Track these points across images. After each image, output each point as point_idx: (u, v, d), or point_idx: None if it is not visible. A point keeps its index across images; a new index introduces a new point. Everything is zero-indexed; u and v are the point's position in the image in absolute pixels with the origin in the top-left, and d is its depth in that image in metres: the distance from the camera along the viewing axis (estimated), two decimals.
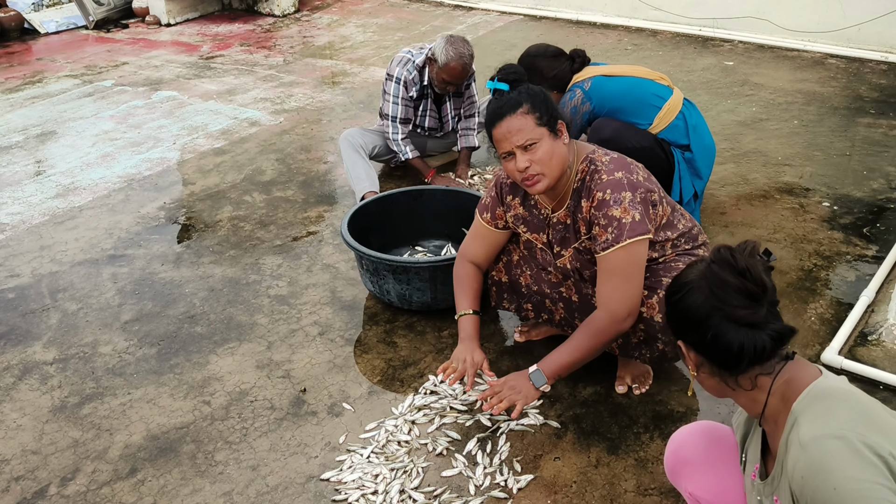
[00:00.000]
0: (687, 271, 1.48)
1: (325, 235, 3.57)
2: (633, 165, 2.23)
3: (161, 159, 4.48)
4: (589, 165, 2.22)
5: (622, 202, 2.13)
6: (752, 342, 1.37)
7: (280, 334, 2.89)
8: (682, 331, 1.47)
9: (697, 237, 2.38)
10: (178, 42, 6.96)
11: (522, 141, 2.14)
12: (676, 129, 3.26)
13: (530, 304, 2.62)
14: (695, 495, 1.70)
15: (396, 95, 3.81)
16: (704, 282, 1.41)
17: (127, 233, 3.69)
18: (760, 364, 1.40)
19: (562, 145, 2.19)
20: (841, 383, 1.38)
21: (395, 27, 7.02)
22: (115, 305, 3.13)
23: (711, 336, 1.39)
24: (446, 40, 3.67)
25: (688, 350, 1.47)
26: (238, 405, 2.56)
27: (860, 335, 2.70)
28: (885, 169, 3.88)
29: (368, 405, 2.52)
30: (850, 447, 1.22)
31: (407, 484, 2.20)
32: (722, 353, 1.39)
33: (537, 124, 2.14)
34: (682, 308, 1.44)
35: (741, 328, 1.37)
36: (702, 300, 1.40)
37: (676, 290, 1.46)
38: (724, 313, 1.38)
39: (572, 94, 3.26)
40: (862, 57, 5.47)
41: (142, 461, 2.35)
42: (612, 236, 2.13)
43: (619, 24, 6.59)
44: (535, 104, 2.16)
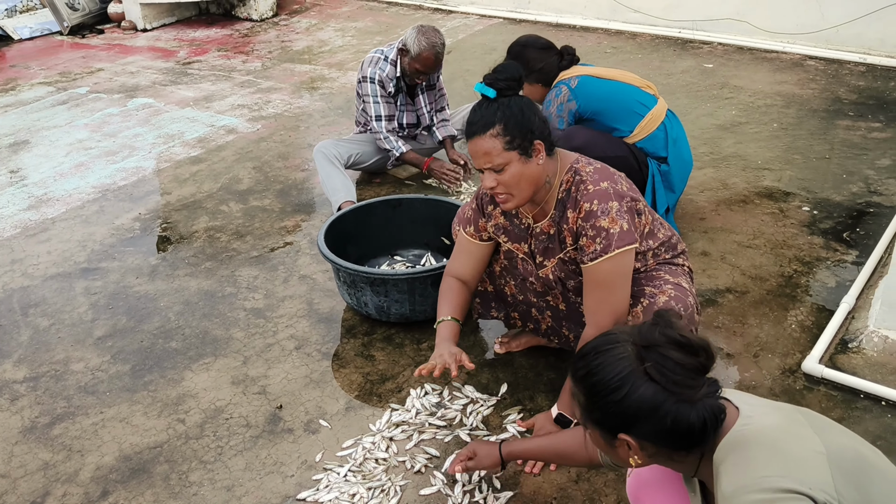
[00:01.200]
0: (611, 363, 1.37)
1: (303, 245, 3.52)
2: (616, 175, 2.21)
3: (136, 168, 4.42)
4: (574, 176, 2.19)
5: (610, 212, 2.10)
6: (711, 411, 1.33)
7: (256, 349, 2.85)
8: (627, 425, 1.37)
9: (676, 246, 2.36)
10: (155, 48, 6.88)
11: (488, 165, 2.11)
12: (656, 140, 3.24)
13: (517, 312, 2.61)
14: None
15: (375, 94, 3.78)
16: (650, 368, 1.33)
17: (101, 245, 3.63)
18: (714, 432, 1.36)
19: (534, 166, 2.14)
20: (756, 422, 1.34)
21: (374, 31, 6.97)
22: (88, 321, 3.07)
23: (671, 421, 1.32)
24: (417, 30, 3.68)
25: (635, 441, 1.38)
26: (213, 423, 2.51)
27: (841, 342, 2.69)
28: (864, 172, 3.88)
29: (346, 421, 2.48)
30: (768, 494, 1.22)
31: (384, 503, 2.16)
32: (682, 435, 1.33)
33: (506, 148, 2.09)
34: (629, 404, 1.34)
35: (696, 405, 1.32)
36: (653, 390, 1.33)
37: (613, 387, 1.35)
38: (680, 396, 1.32)
39: (559, 91, 3.23)
40: (840, 58, 5.48)
41: (114, 483, 2.30)
42: (600, 247, 2.10)
43: (599, 27, 6.58)
44: (507, 126, 2.09)
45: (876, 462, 1.34)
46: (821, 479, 1.23)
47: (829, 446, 1.30)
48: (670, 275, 2.26)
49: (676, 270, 2.29)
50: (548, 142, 2.17)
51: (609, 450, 1.47)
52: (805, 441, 1.30)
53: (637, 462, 1.43)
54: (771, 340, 2.73)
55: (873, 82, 5.08)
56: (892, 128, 4.36)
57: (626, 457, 1.44)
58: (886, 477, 1.32)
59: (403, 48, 3.73)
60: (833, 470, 1.25)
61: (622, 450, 1.43)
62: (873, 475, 1.30)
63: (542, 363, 2.68)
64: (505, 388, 2.58)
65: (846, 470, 1.27)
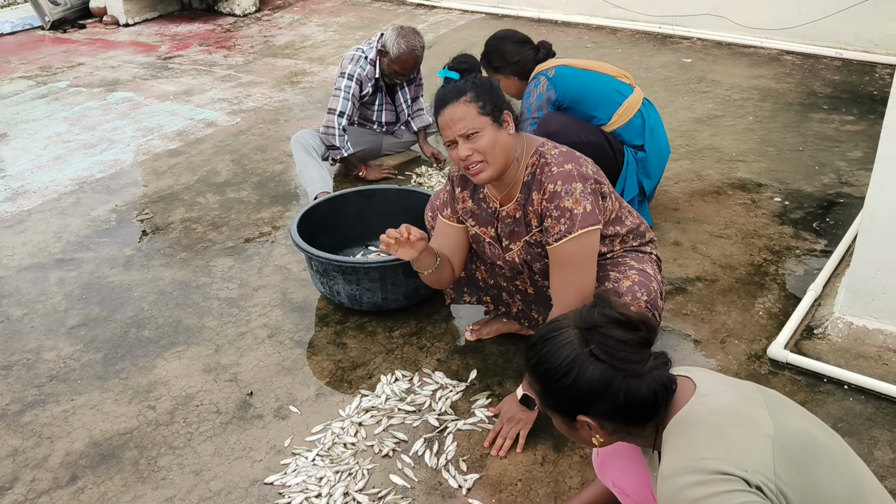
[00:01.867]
0: (557, 349, 1.40)
1: (278, 236, 3.54)
2: (581, 158, 2.23)
3: (114, 161, 4.41)
4: (539, 159, 2.21)
5: (573, 193, 2.12)
6: (661, 383, 1.37)
7: (229, 337, 2.86)
8: (583, 407, 1.41)
9: (645, 234, 2.38)
10: (136, 42, 6.87)
11: (464, 130, 2.13)
12: (633, 128, 3.27)
13: (489, 296, 2.64)
14: (622, 488, 1.70)
15: (347, 91, 3.78)
16: (595, 349, 1.37)
17: (76, 236, 3.63)
18: (666, 403, 1.40)
19: (506, 135, 2.17)
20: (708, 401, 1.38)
21: (357, 26, 6.98)
22: (62, 311, 3.07)
23: (624, 397, 1.36)
24: (397, 32, 3.67)
25: (594, 421, 1.41)
26: (183, 410, 2.52)
27: (806, 329, 2.73)
28: (836, 164, 3.93)
29: (316, 407, 2.50)
30: (701, 475, 1.25)
31: (351, 486, 2.18)
32: (636, 408, 1.37)
33: (480, 113, 2.13)
34: (580, 385, 1.38)
35: (645, 378, 1.36)
36: (600, 369, 1.36)
37: (562, 371, 1.39)
38: (628, 371, 1.36)
39: (537, 82, 3.27)
40: (817, 53, 5.54)
41: (83, 468, 2.31)
42: (564, 227, 2.13)
43: (580, 23, 6.62)
44: (479, 93, 2.15)
45: (827, 445, 1.36)
46: (760, 462, 1.26)
47: (779, 428, 1.32)
48: (635, 261, 2.29)
49: (642, 257, 2.32)
50: (515, 117, 2.21)
51: (572, 433, 1.50)
52: (754, 423, 1.32)
53: (599, 441, 1.47)
54: (738, 327, 2.77)
55: (848, 77, 5.13)
56: (865, 121, 4.41)
57: (589, 437, 1.47)
58: (835, 459, 1.34)
59: (382, 49, 3.73)
60: (776, 453, 1.28)
61: (584, 431, 1.45)
62: (821, 458, 1.32)
63: (512, 350, 2.71)
64: (474, 375, 2.60)
65: (792, 453, 1.29)
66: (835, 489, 1.29)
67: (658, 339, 2.69)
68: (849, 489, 1.30)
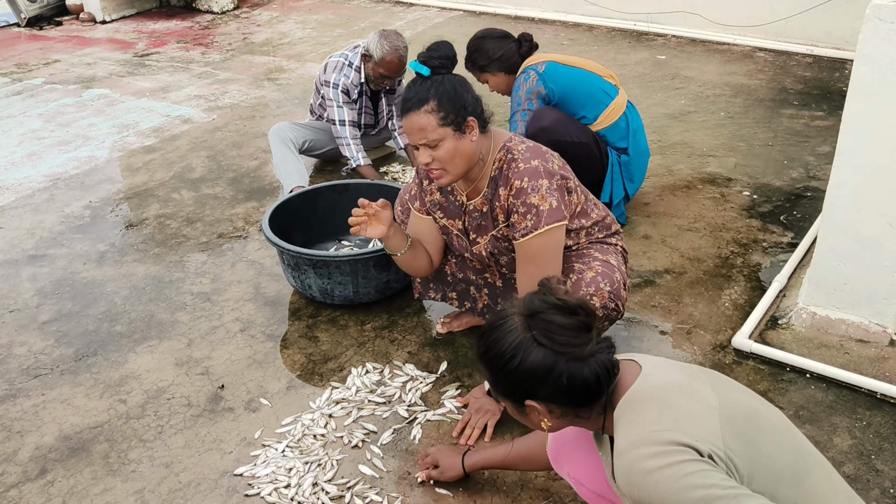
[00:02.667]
0: (503, 336, 1.44)
1: (252, 232, 3.55)
2: (548, 154, 2.26)
3: (89, 158, 4.40)
4: (506, 154, 2.24)
5: (539, 189, 2.16)
6: (603, 366, 1.40)
7: (201, 331, 2.87)
8: (529, 391, 1.44)
9: (611, 226, 2.42)
10: (114, 39, 6.84)
11: (424, 140, 2.15)
12: (618, 130, 3.29)
13: (455, 292, 2.65)
14: (577, 478, 1.73)
15: (338, 100, 3.78)
16: (537, 335, 1.40)
17: (49, 232, 3.62)
18: (609, 385, 1.43)
19: (468, 143, 2.18)
20: (654, 379, 1.42)
21: (335, 23, 6.99)
22: (34, 306, 3.07)
23: (567, 380, 1.39)
24: (380, 35, 3.68)
25: (541, 405, 1.44)
26: (154, 403, 2.53)
27: (771, 319, 2.78)
28: (805, 158, 3.99)
29: (286, 400, 2.52)
30: (657, 447, 1.28)
31: (320, 476, 2.20)
32: (580, 391, 1.40)
33: (440, 124, 2.13)
34: (524, 370, 1.41)
35: (587, 361, 1.39)
36: (543, 353, 1.39)
37: (508, 357, 1.42)
38: (570, 355, 1.39)
39: (527, 76, 3.27)
40: (788, 50, 5.61)
41: (52, 462, 2.31)
42: (530, 223, 2.16)
43: (557, 20, 6.65)
44: (441, 102, 2.14)
45: (768, 416, 1.41)
46: (709, 431, 1.30)
47: (722, 401, 1.36)
48: (600, 252, 2.32)
49: (607, 249, 2.35)
50: (481, 119, 2.22)
51: (523, 418, 1.53)
52: (699, 396, 1.37)
53: (548, 425, 1.49)
54: (704, 318, 2.81)
55: (819, 73, 5.20)
56: (835, 116, 4.47)
57: (538, 421, 1.50)
58: (777, 429, 1.39)
59: (366, 54, 3.73)
60: (723, 423, 1.32)
61: (533, 415, 1.49)
62: (764, 427, 1.37)
63: None
64: (445, 367, 2.63)
65: (737, 423, 1.34)
66: (778, 457, 1.33)
67: (625, 329, 2.74)
68: (791, 457, 1.35)
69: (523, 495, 2.13)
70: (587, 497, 1.74)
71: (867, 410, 2.36)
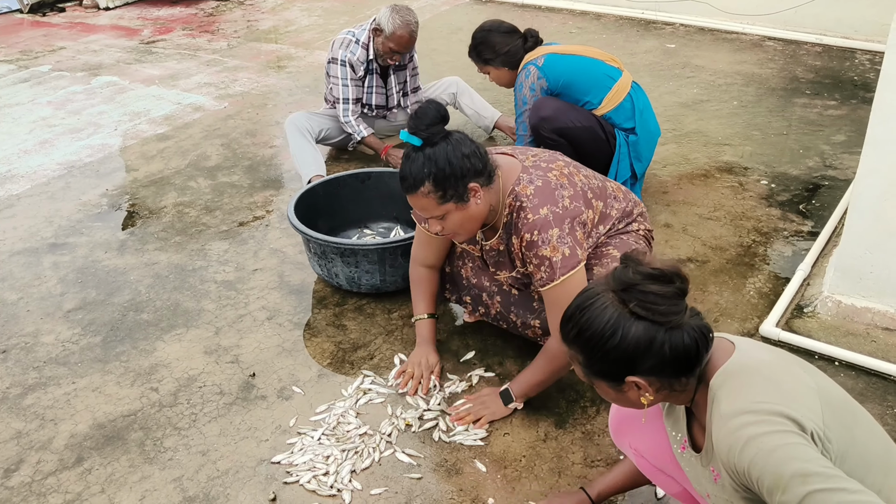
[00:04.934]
0: (598, 314, 1.40)
1: (272, 220, 3.55)
2: (556, 192, 2.17)
3: (102, 145, 4.38)
4: (514, 201, 2.19)
5: (550, 241, 2.12)
6: (700, 332, 1.39)
7: (228, 320, 2.87)
8: (631, 367, 1.40)
9: (632, 212, 2.41)
10: (118, 26, 6.79)
11: (429, 216, 2.16)
12: (623, 111, 3.32)
13: (469, 296, 2.62)
14: (638, 450, 1.73)
15: (344, 77, 3.79)
16: (635, 307, 1.37)
17: (68, 220, 3.61)
18: (707, 351, 1.42)
19: (474, 207, 2.14)
20: (751, 355, 1.42)
21: (341, 11, 6.96)
22: (58, 294, 3.06)
23: (669, 349, 1.37)
24: (391, 9, 3.70)
25: (643, 380, 1.41)
26: (186, 391, 2.53)
27: (796, 308, 2.80)
28: (820, 147, 4.01)
29: (318, 388, 2.53)
30: (761, 416, 1.28)
31: (358, 464, 2.21)
32: (683, 359, 1.38)
33: (440, 203, 2.10)
34: (626, 345, 1.38)
35: (685, 328, 1.37)
36: (643, 326, 1.37)
37: (608, 335, 1.39)
38: (670, 324, 1.37)
39: (527, 73, 3.31)
40: (798, 39, 5.62)
41: (88, 450, 2.32)
42: (545, 275, 2.15)
43: (564, 8, 6.64)
44: (437, 181, 2.07)
45: (859, 405, 1.43)
46: (811, 409, 1.30)
47: (819, 384, 1.38)
48: (617, 248, 2.32)
49: (626, 239, 2.35)
50: (484, 176, 2.14)
51: (619, 397, 1.49)
52: (798, 376, 1.37)
53: (649, 399, 1.45)
54: (730, 306, 2.83)
55: (829, 62, 5.21)
56: (847, 105, 4.49)
57: (637, 398, 1.46)
58: (868, 417, 1.42)
59: (377, 28, 3.73)
60: (823, 404, 1.33)
61: (632, 392, 1.45)
62: (858, 415, 1.39)
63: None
64: (472, 354, 2.64)
65: (833, 406, 1.35)
66: (871, 445, 1.34)
67: None
68: (882, 447, 1.36)
69: (561, 482, 2.14)
70: (647, 470, 1.75)
71: None
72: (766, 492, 1.26)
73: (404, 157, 2.14)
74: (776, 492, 1.24)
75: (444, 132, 2.11)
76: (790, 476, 1.22)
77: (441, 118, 2.09)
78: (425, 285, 2.57)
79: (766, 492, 1.26)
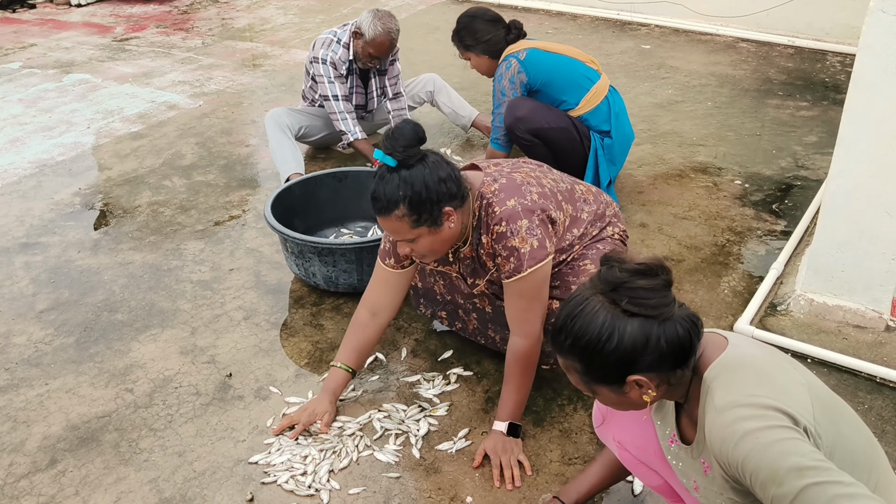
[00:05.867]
0: (591, 320, 1.39)
1: (248, 219, 3.52)
2: (523, 186, 2.16)
3: (74, 144, 4.33)
4: (482, 200, 2.17)
5: (519, 231, 2.11)
6: (692, 322, 1.39)
7: (204, 320, 2.85)
8: (630, 366, 1.39)
9: (605, 214, 2.40)
10: (90, 23, 6.71)
11: (400, 238, 2.12)
12: (600, 114, 3.34)
13: (445, 311, 2.60)
14: (622, 443, 1.73)
15: (329, 76, 3.76)
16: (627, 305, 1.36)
17: (40, 220, 3.56)
18: (699, 339, 1.42)
19: (447, 230, 2.10)
20: (744, 350, 1.43)
21: (317, 9, 6.93)
22: (30, 294, 3.02)
23: (666, 343, 1.36)
24: (373, 14, 3.68)
25: (644, 376, 1.40)
26: (162, 392, 2.51)
27: (770, 306, 2.83)
28: (793, 148, 4.06)
29: (296, 388, 2.52)
30: (757, 410, 1.29)
31: (336, 464, 2.21)
32: (677, 351, 1.38)
33: (413, 227, 2.05)
34: (624, 346, 1.37)
35: (676, 318, 1.38)
36: (638, 323, 1.36)
37: (604, 338, 1.38)
38: (662, 317, 1.37)
39: (508, 65, 3.33)
40: (771, 41, 5.69)
41: (62, 452, 2.29)
42: (513, 266, 2.12)
43: (540, 8, 6.67)
44: (412, 204, 2.01)
45: (845, 403, 1.46)
46: (802, 405, 1.32)
47: (808, 380, 1.40)
48: (592, 262, 2.30)
49: (603, 249, 2.33)
50: (458, 200, 2.10)
51: (622, 400, 1.47)
52: (789, 372, 1.39)
53: (652, 395, 1.43)
54: (705, 305, 2.86)
55: (801, 64, 5.29)
56: (819, 106, 4.56)
57: (639, 397, 1.44)
58: (853, 414, 1.44)
59: (358, 31, 3.72)
60: (812, 400, 1.34)
61: (633, 392, 1.43)
62: (844, 411, 1.42)
63: None
64: (450, 354, 2.64)
65: (823, 402, 1.36)
66: (857, 442, 1.36)
67: None
68: (867, 444, 1.39)
69: (538, 480, 2.15)
70: (629, 463, 1.75)
71: (868, 394, 2.42)
72: (760, 485, 1.27)
73: (378, 178, 2.06)
74: (771, 486, 1.24)
75: (420, 153, 2.05)
76: (786, 470, 1.23)
77: (418, 139, 2.03)
78: (360, 334, 2.37)
79: (760, 485, 1.27)
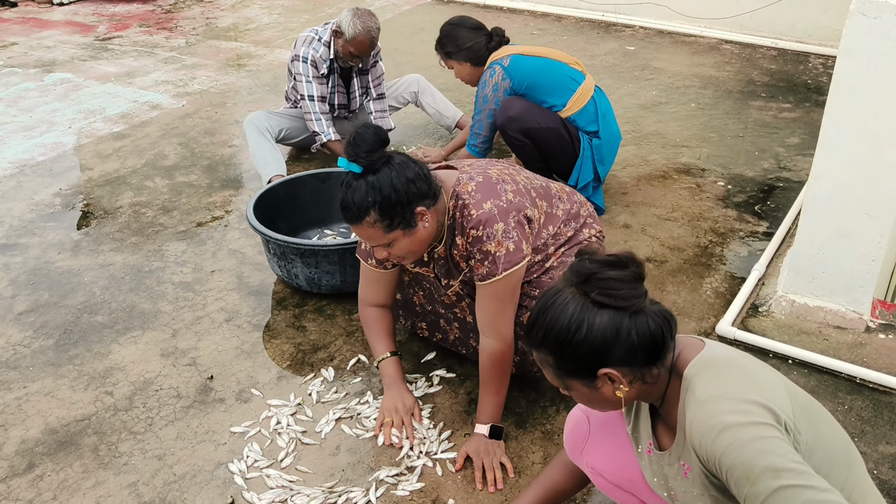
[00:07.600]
0: (561, 311, 1.39)
1: (231, 220, 3.50)
2: (499, 186, 2.14)
3: (56, 144, 4.29)
4: (457, 201, 2.15)
5: (495, 235, 2.09)
6: (665, 318, 1.39)
7: (185, 321, 2.83)
8: (601, 359, 1.38)
9: (579, 213, 2.40)
10: (73, 22, 6.66)
11: (374, 245, 2.10)
12: (587, 114, 3.34)
13: (425, 322, 2.58)
14: (595, 468, 1.72)
15: (307, 74, 3.75)
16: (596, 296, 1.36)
17: (20, 221, 3.53)
18: (673, 336, 1.42)
19: (422, 231, 2.08)
20: (723, 350, 1.44)
21: (302, 9, 6.91)
22: (8, 297, 2.99)
23: (636, 335, 1.36)
24: (353, 13, 3.66)
25: (616, 370, 1.39)
26: (142, 395, 2.49)
27: (752, 307, 2.84)
28: (775, 150, 4.08)
29: (278, 390, 2.50)
30: (740, 404, 1.29)
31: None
32: (651, 345, 1.38)
33: (386, 232, 2.03)
34: (594, 336, 1.37)
35: (647, 313, 1.37)
36: (607, 315, 1.36)
37: (573, 329, 1.37)
38: (632, 308, 1.36)
39: (492, 72, 3.33)
40: (754, 43, 5.72)
41: (40, 456, 2.27)
42: (487, 270, 2.11)
43: (525, 9, 6.68)
44: (383, 210, 1.99)
45: (819, 404, 1.47)
46: (783, 402, 1.32)
47: (784, 381, 1.41)
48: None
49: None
50: (430, 198, 2.08)
51: (594, 395, 1.46)
52: (766, 372, 1.41)
53: (624, 391, 1.42)
54: (687, 306, 2.87)
55: (784, 66, 5.32)
56: (801, 108, 4.58)
57: (612, 393, 1.43)
58: (829, 417, 1.45)
59: (338, 30, 3.70)
60: (791, 397, 1.36)
61: (606, 387, 1.43)
62: (821, 413, 1.43)
63: None
64: (433, 355, 2.63)
65: (800, 401, 1.38)
66: (835, 441, 1.37)
67: None
68: (844, 444, 1.39)
69: (521, 482, 2.15)
70: (604, 488, 1.74)
71: (848, 395, 2.43)
72: (735, 482, 1.26)
73: (345, 186, 2.02)
74: (745, 483, 1.24)
75: (385, 156, 2.02)
76: (762, 469, 1.23)
77: (381, 142, 2.00)
78: (379, 324, 2.41)
79: (735, 482, 1.26)
